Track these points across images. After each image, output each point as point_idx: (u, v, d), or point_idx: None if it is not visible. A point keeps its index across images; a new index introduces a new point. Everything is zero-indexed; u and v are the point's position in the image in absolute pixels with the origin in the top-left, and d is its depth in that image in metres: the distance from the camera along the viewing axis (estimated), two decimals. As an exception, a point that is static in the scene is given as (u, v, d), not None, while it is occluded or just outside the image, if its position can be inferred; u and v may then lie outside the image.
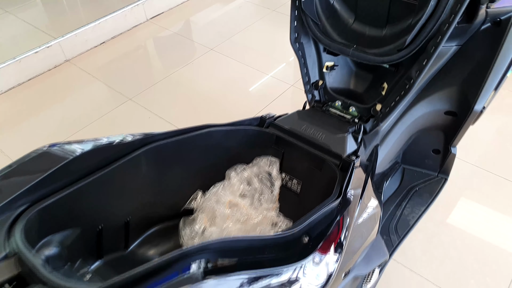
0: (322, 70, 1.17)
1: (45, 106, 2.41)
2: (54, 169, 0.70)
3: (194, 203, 1.06)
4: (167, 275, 0.56)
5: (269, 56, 2.66)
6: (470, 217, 1.67)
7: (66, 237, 0.75)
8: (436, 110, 1.25)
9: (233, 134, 1.07)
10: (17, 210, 0.67)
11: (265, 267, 0.64)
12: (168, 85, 2.49)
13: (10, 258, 0.62)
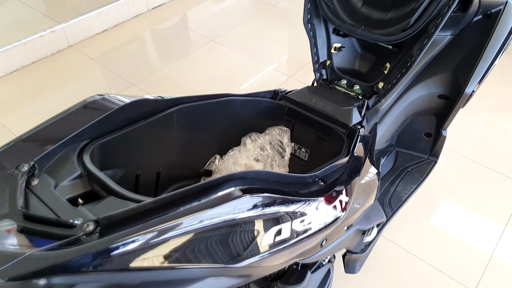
0: (330, 51, 1.29)
1: (49, 88, 2.47)
2: (106, 114, 0.81)
3: (212, 165, 1.15)
4: (211, 193, 0.66)
5: (267, 50, 2.78)
6: (458, 202, 1.81)
7: (114, 175, 0.85)
8: (430, 94, 1.38)
9: (249, 104, 1.17)
10: (81, 144, 0.77)
11: (292, 196, 0.76)
12: (170, 73, 2.58)
13: (82, 177, 0.71)
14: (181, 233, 0.60)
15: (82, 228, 0.56)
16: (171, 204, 0.62)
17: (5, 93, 2.43)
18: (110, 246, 0.54)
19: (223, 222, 0.64)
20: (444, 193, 1.85)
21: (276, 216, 0.72)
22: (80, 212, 0.61)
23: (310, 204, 0.78)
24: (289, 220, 0.73)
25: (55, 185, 0.67)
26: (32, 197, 0.63)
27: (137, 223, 0.58)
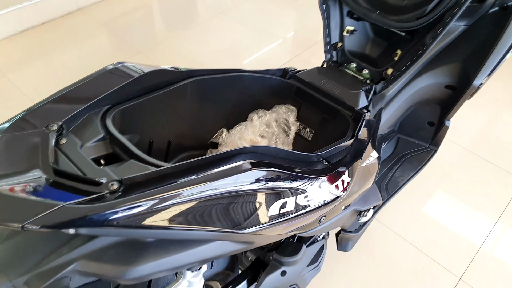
0: (342, 33, 1.31)
1: (57, 49, 2.48)
2: (129, 80, 0.84)
3: (219, 138, 1.19)
4: (223, 163, 0.70)
5: (275, 26, 2.76)
6: (454, 194, 1.85)
7: (130, 140, 0.89)
8: (438, 83, 1.40)
9: (259, 80, 1.20)
10: (104, 108, 0.81)
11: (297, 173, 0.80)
12: (176, 43, 2.58)
13: (105, 140, 0.75)
14: (195, 199, 0.64)
15: (107, 187, 0.61)
16: (188, 171, 0.67)
17: (15, 51, 2.44)
18: (131, 205, 0.59)
19: (233, 192, 0.68)
20: (440, 182, 1.90)
21: (282, 190, 0.76)
22: (104, 172, 0.65)
23: (314, 182, 0.82)
24: (293, 195, 0.77)
25: (80, 145, 0.71)
26: (60, 154, 0.67)
27: (157, 186, 0.63)
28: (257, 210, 0.72)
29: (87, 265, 0.63)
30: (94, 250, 0.64)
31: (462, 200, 1.82)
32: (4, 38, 2.54)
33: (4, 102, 2.12)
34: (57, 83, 2.24)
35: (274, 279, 1.07)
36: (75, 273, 0.63)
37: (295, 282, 1.16)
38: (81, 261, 0.63)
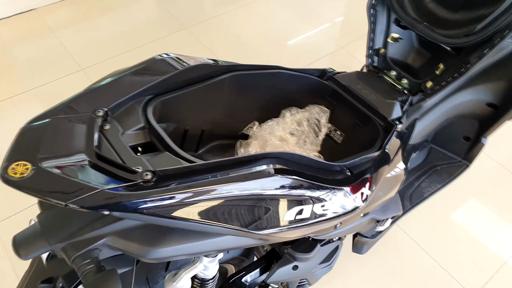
0: (387, 40, 1.30)
1: (106, 15, 2.57)
2: (171, 74, 0.90)
3: (250, 130, 1.23)
4: (249, 166, 0.74)
5: (322, 13, 2.73)
6: (481, 209, 1.82)
7: (167, 128, 0.96)
8: (480, 100, 1.37)
9: (296, 79, 1.22)
10: (146, 97, 0.87)
11: (318, 182, 0.83)
12: (223, 21, 2.61)
13: (144, 129, 0.82)
14: (218, 197, 0.70)
15: (142, 176, 0.67)
16: (216, 169, 0.72)
17: (66, 14, 2.56)
18: (160, 196, 0.65)
19: (253, 194, 0.73)
20: (469, 195, 1.87)
21: (300, 198, 0.79)
22: (140, 161, 0.72)
23: (334, 192, 0.85)
24: (311, 203, 0.81)
25: (122, 133, 0.78)
26: (103, 140, 0.74)
27: (186, 180, 0.68)
28: (274, 214, 0.76)
29: (116, 241, 0.70)
30: (123, 228, 0.71)
31: (489, 217, 1.79)
32: (58, 1, 2.65)
33: (52, 61, 2.24)
34: (101, 47, 2.35)
35: (285, 271, 1.13)
36: (104, 246, 0.71)
37: (305, 277, 1.21)
38: (111, 237, 0.70)
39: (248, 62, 2.30)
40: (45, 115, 0.74)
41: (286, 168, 0.78)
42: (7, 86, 2.10)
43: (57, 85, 2.13)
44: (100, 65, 2.25)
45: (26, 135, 0.70)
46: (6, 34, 2.39)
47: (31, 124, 0.72)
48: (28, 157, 0.64)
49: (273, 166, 0.77)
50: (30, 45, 2.34)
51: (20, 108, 2.01)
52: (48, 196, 0.60)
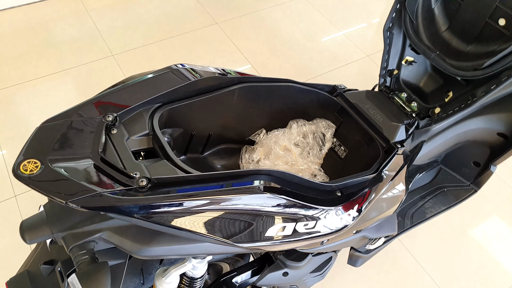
0: (401, 62, 1.31)
1: (144, 4, 2.65)
2: (181, 85, 0.96)
3: (257, 137, 1.28)
4: (240, 181, 0.80)
5: (358, 22, 2.72)
6: (489, 233, 1.81)
7: (173, 132, 1.03)
8: (490, 129, 1.36)
9: (306, 93, 1.26)
10: (155, 106, 0.94)
11: (305, 201, 0.88)
12: (254, 20, 2.64)
13: (148, 136, 0.89)
14: (205, 208, 0.76)
15: (138, 182, 0.74)
16: (208, 181, 0.78)
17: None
18: (151, 203, 0.72)
19: (240, 209, 0.79)
20: (478, 219, 1.85)
21: (284, 216, 0.84)
22: (139, 166, 0.79)
23: (320, 212, 0.90)
24: (294, 222, 0.86)
25: (127, 138, 0.85)
26: (109, 143, 0.81)
27: (178, 189, 0.75)
28: (257, 229, 0.82)
29: (111, 236, 0.78)
30: (119, 225, 0.79)
31: (498, 243, 1.78)
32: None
33: (86, 44, 2.36)
34: (133, 34, 2.44)
35: (275, 277, 1.18)
36: (101, 239, 0.78)
37: (295, 284, 1.27)
38: (107, 232, 0.78)
39: (273, 62, 2.35)
40: (61, 116, 0.82)
41: (275, 186, 0.83)
42: (46, 64, 2.24)
43: (88, 68, 2.24)
44: (130, 53, 2.35)
45: (41, 135, 0.78)
46: (48, 14, 2.52)
47: (46, 124, 0.80)
48: (39, 156, 0.72)
49: (264, 183, 0.82)
50: (68, 27, 2.46)
51: (54, 87, 2.14)
52: (52, 194, 0.68)
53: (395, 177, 1.15)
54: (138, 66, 2.28)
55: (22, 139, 1.02)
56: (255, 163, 1.23)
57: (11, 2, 2.51)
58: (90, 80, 2.19)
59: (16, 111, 2.00)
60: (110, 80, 2.18)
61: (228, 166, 1.24)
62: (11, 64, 2.21)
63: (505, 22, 1.06)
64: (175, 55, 2.36)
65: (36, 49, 2.31)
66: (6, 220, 1.62)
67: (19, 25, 2.43)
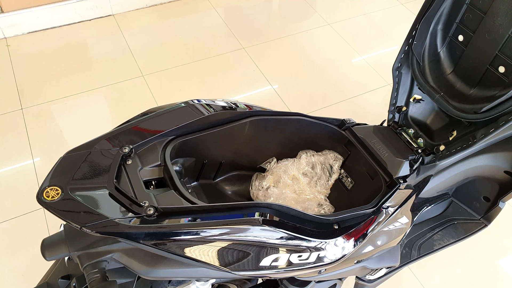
0: (409, 99, 1.36)
1: (174, 27, 2.80)
2: (194, 120, 1.05)
3: (268, 165, 1.36)
4: (240, 213, 0.88)
5: (382, 48, 2.76)
6: (503, 269, 1.80)
7: (186, 162, 1.12)
8: (497, 166, 1.38)
9: (316, 126, 1.33)
10: (168, 138, 1.03)
11: (301, 233, 0.94)
12: (281, 46, 2.74)
13: (160, 166, 0.98)
14: (206, 239, 0.83)
15: (146, 210, 0.83)
16: (211, 211, 0.86)
17: (139, 21, 2.84)
18: (156, 231, 0.80)
19: (238, 240, 0.86)
20: (498, 254, 1.84)
21: (279, 247, 0.91)
22: (148, 196, 0.88)
23: (315, 244, 0.96)
24: (289, 253, 0.92)
25: (140, 168, 0.94)
26: (123, 173, 0.91)
27: (183, 217, 0.83)
28: (253, 259, 0.89)
29: (121, 257, 0.87)
30: (128, 248, 0.88)
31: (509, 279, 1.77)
32: (136, 9, 2.94)
33: (118, 64, 2.51)
34: (163, 56, 2.58)
35: (280, 300, 1.24)
36: (112, 259, 0.87)
37: (299, 308, 1.32)
38: (118, 253, 0.87)
39: (296, 87, 2.43)
40: (83, 147, 0.93)
41: (273, 219, 0.90)
42: (80, 81, 2.40)
43: (119, 87, 2.39)
44: (159, 74, 2.48)
45: (64, 164, 0.88)
46: (85, 35, 2.70)
47: (69, 154, 0.91)
48: (61, 183, 0.82)
49: (262, 215, 0.90)
50: (103, 47, 2.63)
51: (86, 103, 2.29)
52: (69, 219, 0.77)
53: (397, 210, 1.19)
54: (166, 87, 2.41)
55: (55, 153, 1.11)
56: (264, 190, 1.30)
57: (51, 22, 2.71)
58: (120, 99, 2.33)
59: (51, 125, 2.16)
60: (139, 99, 2.32)
61: (239, 192, 1.32)
62: (49, 81, 2.39)
63: (504, 69, 1.10)
64: (200, 78, 2.48)
65: (72, 67, 2.48)
66: (34, 229, 1.76)
67: (57, 44, 2.62)
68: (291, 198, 1.29)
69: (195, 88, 2.42)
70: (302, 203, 1.29)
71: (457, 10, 1.20)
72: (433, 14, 1.23)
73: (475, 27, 1.17)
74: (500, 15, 1.09)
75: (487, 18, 1.13)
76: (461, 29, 1.21)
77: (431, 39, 1.26)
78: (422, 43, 1.24)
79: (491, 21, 1.12)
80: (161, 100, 2.32)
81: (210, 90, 2.42)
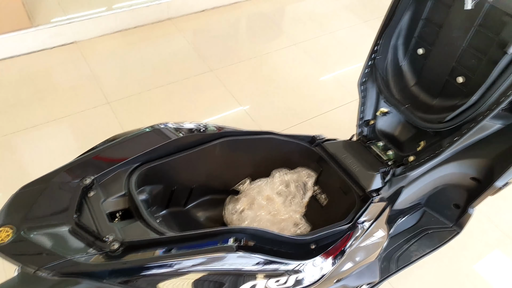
0: (376, 113, 1.38)
1: (141, 53, 2.77)
2: (160, 145, 1.02)
3: (241, 187, 1.33)
4: (213, 240, 0.84)
5: (349, 64, 2.83)
6: (479, 275, 1.82)
7: (153, 189, 1.07)
8: (464, 173, 1.41)
9: (287, 144, 1.32)
10: (134, 165, 0.99)
11: (278, 256, 0.91)
12: (250, 67, 2.75)
13: (125, 196, 0.93)
14: (176, 272, 0.79)
15: (109, 246, 0.78)
16: (181, 241, 0.82)
17: (105, 46, 2.79)
18: (120, 268, 0.75)
19: (213, 269, 0.82)
20: (473, 259, 1.86)
21: (256, 273, 0.88)
22: (112, 229, 0.83)
23: (294, 267, 0.93)
24: (267, 279, 0.89)
25: (103, 200, 0.89)
26: (85, 207, 0.86)
27: (151, 249, 0.79)
28: (229, 287, 0.86)
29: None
30: None
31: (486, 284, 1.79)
32: (101, 36, 2.90)
33: (83, 92, 2.45)
34: (129, 81, 2.54)
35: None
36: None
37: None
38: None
39: (266, 107, 2.43)
40: (39, 181, 0.87)
41: (248, 244, 0.88)
42: (41, 112, 2.32)
43: (83, 116, 2.32)
44: (125, 100, 2.43)
45: (17, 200, 0.82)
46: (47, 63, 2.63)
47: (24, 189, 0.85)
48: (13, 222, 0.76)
49: (237, 241, 0.87)
50: (65, 75, 2.56)
51: (49, 134, 2.21)
52: (21, 262, 0.71)
53: (372, 224, 1.19)
54: (133, 113, 2.36)
55: (15, 189, 1.05)
56: (238, 213, 1.28)
57: (8, 52, 2.63)
58: (85, 128, 2.26)
59: (11, 159, 2.07)
60: (104, 128, 2.26)
61: (212, 217, 1.28)
62: (9, 112, 2.29)
63: (463, 80, 1.14)
64: (169, 102, 2.45)
65: (33, 97, 2.40)
66: None
67: (17, 74, 2.54)
68: (267, 220, 1.27)
69: (164, 113, 2.38)
70: (278, 224, 1.27)
71: (415, 25, 1.24)
72: (393, 30, 1.26)
73: (433, 40, 1.21)
74: (455, 28, 1.13)
75: (443, 31, 1.17)
76: (420, 42, 1.25)
77: (393, 54, 1.29)
78: (384, 58, 1.27)
79: (447, 34, 1.16)
80: (128, 127, 2.26)
81: (180, 114, 2.39)
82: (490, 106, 1.05)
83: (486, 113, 1.05)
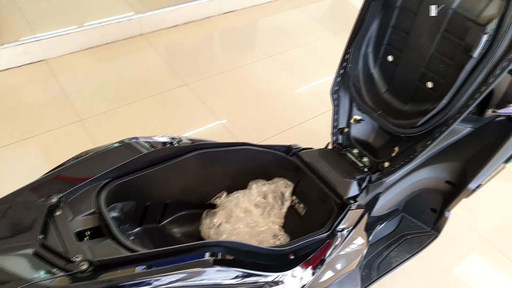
0: (350, 120, 1.39)
1: (113, 69, 2.73)
2: (131, 159, 0.99)
3: (218, 200, 1.31)
4: (188, 256, 0.81)
5: (323, 75, 2.86)
6: (458, 277, 1.84)
7: (125, 206, 1.04)
8: (438, 177, 1.43)
9: (263, 154, 1.31)
10: (103, 182, 0.95)
11: (257, 269, 0.89)
12: (225, 80, 2.74)
13: (94, 214, 0.89)
14: None
15: (78, 266, 0.74)
16: (154, 258, 0.79)
17: (76, 64, 2.74)
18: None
19: (190, 286, 0.79)
20: (452, 262, 1.88)
21: (236, 287, 0.85)
22: (81, 249, 0.79)
23: (273, 278, 0.91)
24: None
25: (71, 219, 0.85)
26: (51, 226, 0.81)
27: (123, 268, 0.75)
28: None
29: None
30: None
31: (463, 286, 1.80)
32: (71, 53, 2.84)
33: (54, 110, 2.38)
34: (102, 98, 2.49)
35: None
36: None
37: None
38: None
39: (243, 119, 2.41)
40: (2, 200, 0.82)
41: (226, 258, 0.85)
42: (10, 132, 2.24)
43: (54, 134, 2.25)
44: (98, 117, 2.38)
45: None
46: (14, 82, 2.55)
47: None
48: None
49: (214, 255, 0.84)
50: (34, 94, 2.49)
51: (19, 154, 2.13)
52: None
53: (351, 232, 1.18)
54: (106, 130, 2.31)
55: None
56: (216, 227, 1.25)
57: (-23, 72, 2.54)
58: (56, 147, 2.19)
59: (-21, 182, 1.98)
60: (76, 146, 2.19)
61: (188, 233, 1.25)
62: (-25, 134, 2.21)
63: (431, 85, 1.16)
64: (144, 118, 2.41)
65: (1, 117, 2.32)
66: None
67: (-16, 94, 2.45)
68: (245, 233, 1.24)
69: (138, 129, 2.33)
70: (257, 236, 1.25)
71: (383, 32, 1.26)
72: (362, 38, 1.28)
73: (402, 47, 1.23)
74: (422, 34, 1.16)
75: (411, 38, 1.19)
76: (389, 50, 1.27)
77: (364, 61, 1.31)
78: (355, 66, 1.29)
79: (415, 41, 1.19)
80: (101, 144, 2.21)
81: (155, 129, 2.34)
82: (459, 110, 1.07)
83: (456, 116, 1.07)
